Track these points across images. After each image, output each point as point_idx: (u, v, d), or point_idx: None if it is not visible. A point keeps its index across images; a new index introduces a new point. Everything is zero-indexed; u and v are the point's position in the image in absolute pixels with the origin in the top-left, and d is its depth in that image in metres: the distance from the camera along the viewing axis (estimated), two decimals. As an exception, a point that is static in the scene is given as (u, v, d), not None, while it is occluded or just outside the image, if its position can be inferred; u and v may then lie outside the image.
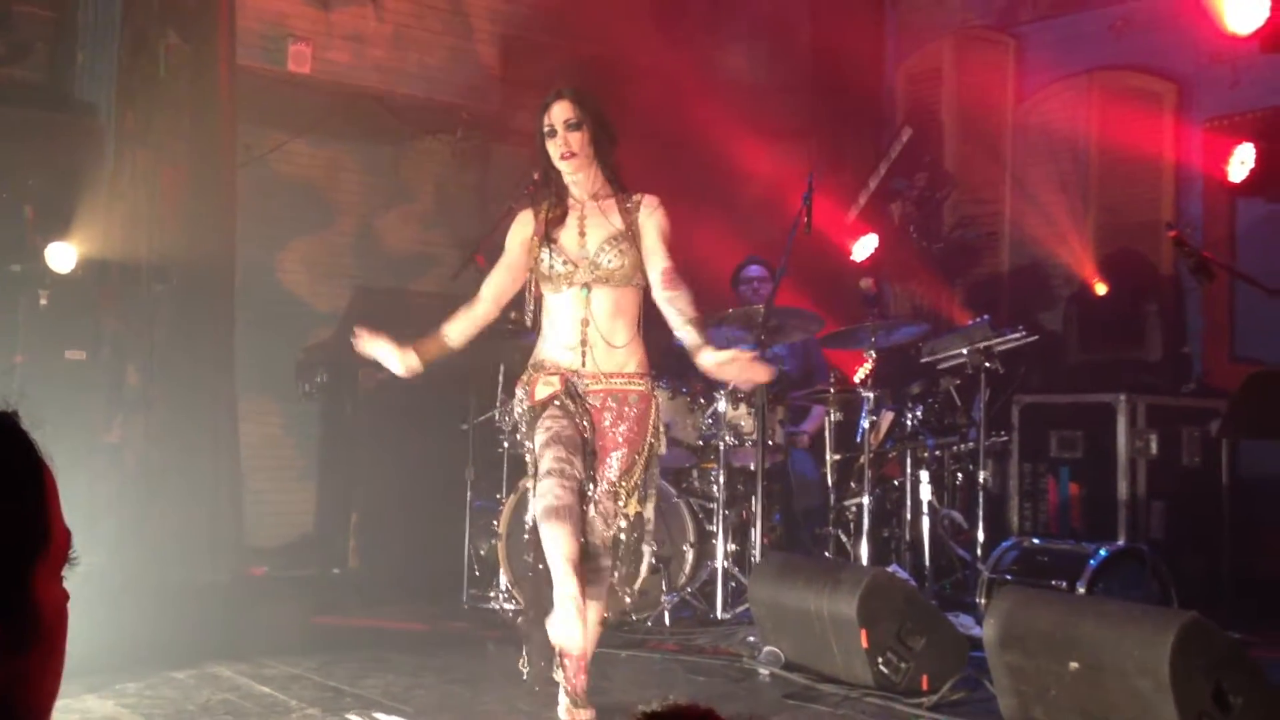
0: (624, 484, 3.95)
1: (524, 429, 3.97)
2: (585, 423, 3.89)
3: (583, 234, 3.98)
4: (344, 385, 7.16)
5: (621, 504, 3.96)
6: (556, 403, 3.87)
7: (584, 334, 3.94)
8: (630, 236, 3.97)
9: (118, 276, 5.70)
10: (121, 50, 6.17)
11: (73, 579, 1.05)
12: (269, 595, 6.07)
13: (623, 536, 4.03)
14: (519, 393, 4.02)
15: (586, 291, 3.95)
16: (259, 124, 7.05)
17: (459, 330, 4.07)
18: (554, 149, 3.97)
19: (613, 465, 3.94)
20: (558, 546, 3.69)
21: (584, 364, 3.93)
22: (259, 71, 6.98)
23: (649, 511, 4.10)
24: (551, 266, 3.96)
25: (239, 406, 6.05)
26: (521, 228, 4.08)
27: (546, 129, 3.98)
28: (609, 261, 3.94)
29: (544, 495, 3.74)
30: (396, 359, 4.01)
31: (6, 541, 0.98)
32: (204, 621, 4.99)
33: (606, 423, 3.94)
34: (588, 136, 3.96)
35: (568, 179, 4.02)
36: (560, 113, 3.96)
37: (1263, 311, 6.38)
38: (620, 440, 3.95)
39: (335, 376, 7.14)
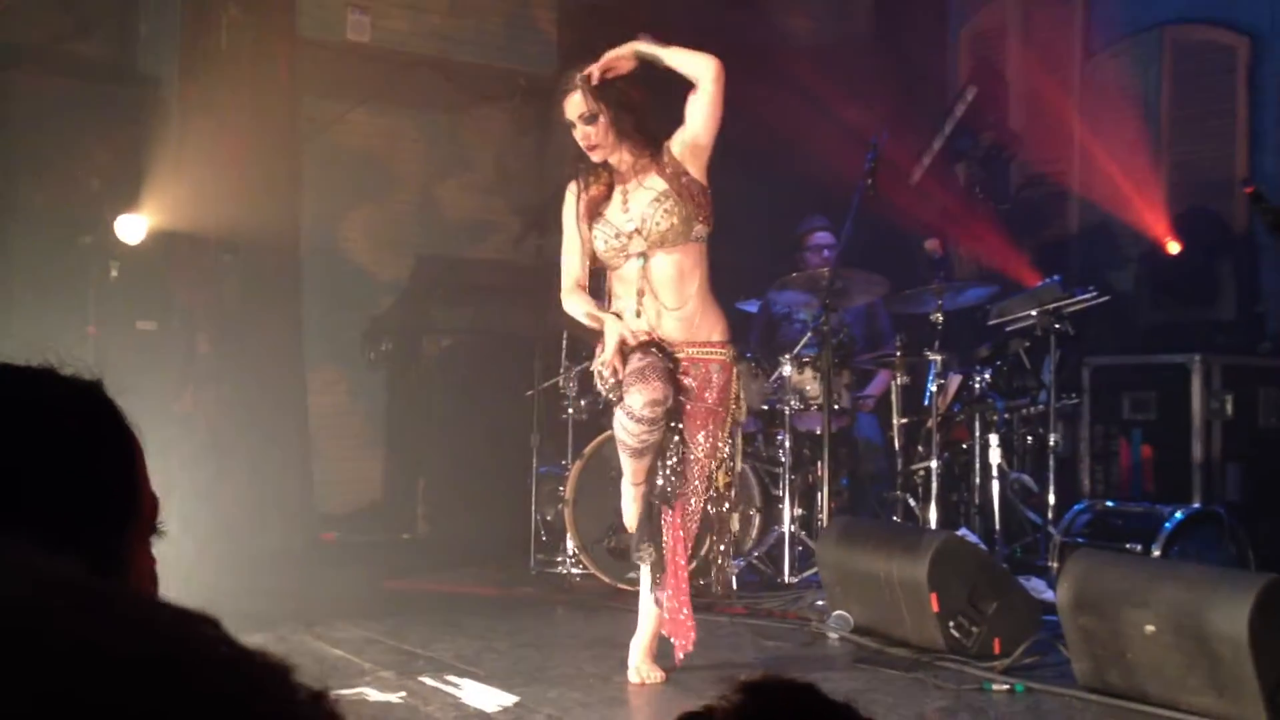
0: (714, 459, 3.93)
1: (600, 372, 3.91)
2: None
3: (626, 206, 3.94)
4: (409, 353, 7.21)
5: (711, 480, 3.94)
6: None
7: (649, 304, 3.90)
8: (674, 190, 3.89)
9: (186, 247, 5.77)
10: (184, 23, 6.22)
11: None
12: (340, 561, 6.14)
13: (711, 509, 4.01)
14: (596, 366, 3.96)
15: (643, 261, 3.91)
16: (320, 95, 7.09)
17: (586, 302, 4.02)
18: (579, 139, 3.92)
19: (701, 442, 3.91)
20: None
21: (657, 335, 3.89)
22: (319, 42, 7.00)
23: (735, 481, 4.09)
24: (606, 242, 3.93)
25: (307, 377, 6.11)
26: (570, 200, 4.05)
27: (567, 123, 3.92)
28: (657, 223, 3.88)
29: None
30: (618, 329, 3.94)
31: (100, 510, 0.98)
32: (276, 587, 5.06)
33: (688, 390, 3.90)
34: (608, 122, 3.87)
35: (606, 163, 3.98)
36: (573, 108, 3.89)
37: (1341, 269, 6.24)
38: (706, 415, 3.92)
39: (400, 344, 7.20)
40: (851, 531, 4.87)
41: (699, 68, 3.84)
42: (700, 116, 3.89)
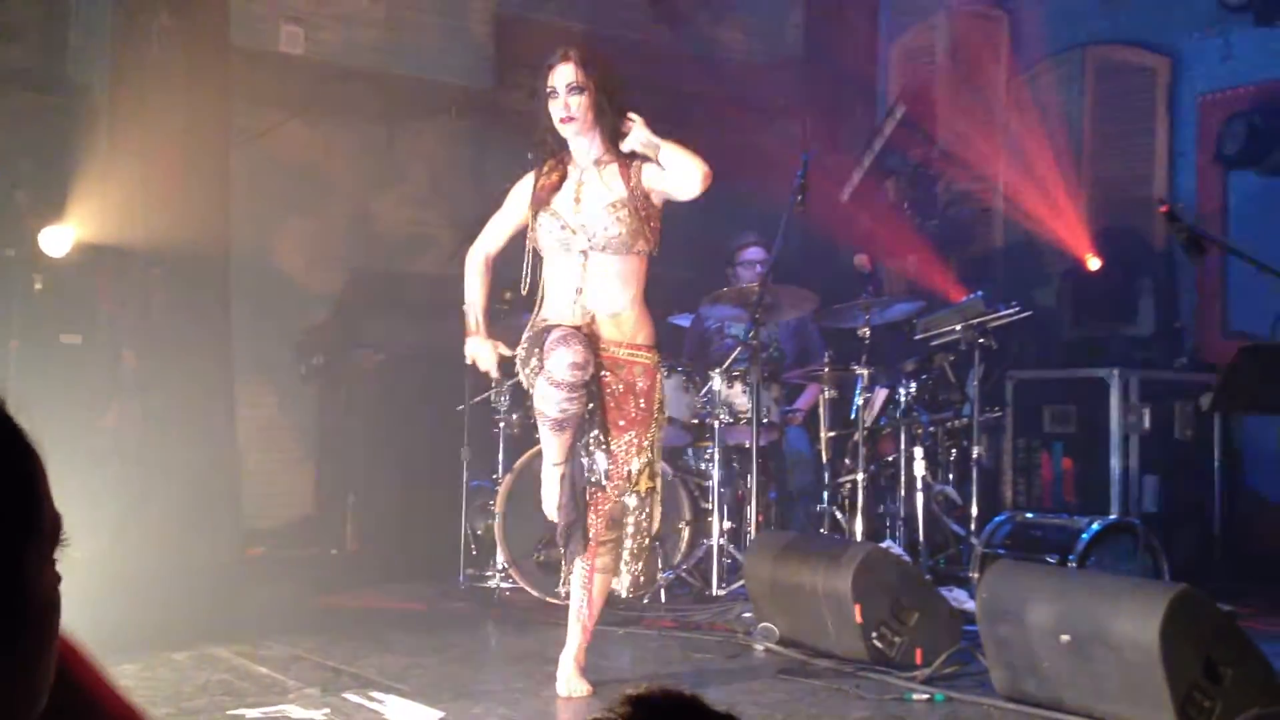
0: (636, 459, 3.96)
1: (525, 352, 3.96)
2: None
3: (579, 199, 3.96)
4: (341, 367, 7.18)
5: (633, 479, 3.98)
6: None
7: (581, 302, 3.94)
8: (633, 202, 3.93)
9: (112, 260, 5.70)
10: (114, 31, 6.16)
11: (72, 565, 1.06)
12: (267, 576, 6.09)
13: (634, 510, 4.05)
14: (522, 351, 3.98)
15: (584, 258, 3.95)
16: (252, 105, 7.04)
17: (478, 289, 4.17)
18: (555, 111, 3.94)
19: (623, 441, 3.94)
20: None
21: (589, 330, 3.91)
22: (252, 52, 6.96)
23: (657, 484, 4.12)
24: (550, 232, 3.95)
25: (236, 390, 6.06)
26: (523, 183, 4.10)
27: (549, 90, 3.95)
28: (607, 229, 3.92)
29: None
30: (492, 360, 4.14)
31: None
32: (202, 603, 5.01)
33: (614, 390, 3.93)
34: (590, 100, 3.92)
35: (570, 142, 4.01)
36: (563, 75, 3.93)
37: (1254, 286, 6.40)
38: (630, 416, 3.95)
39: (332, 358, 7.16)
40: (778, 544, 4.93)
41: (689, 172, 3.86)
42: (674, 193, 3.96)
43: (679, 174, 3.87)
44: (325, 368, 7.12)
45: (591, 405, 3.88)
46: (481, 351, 4.15)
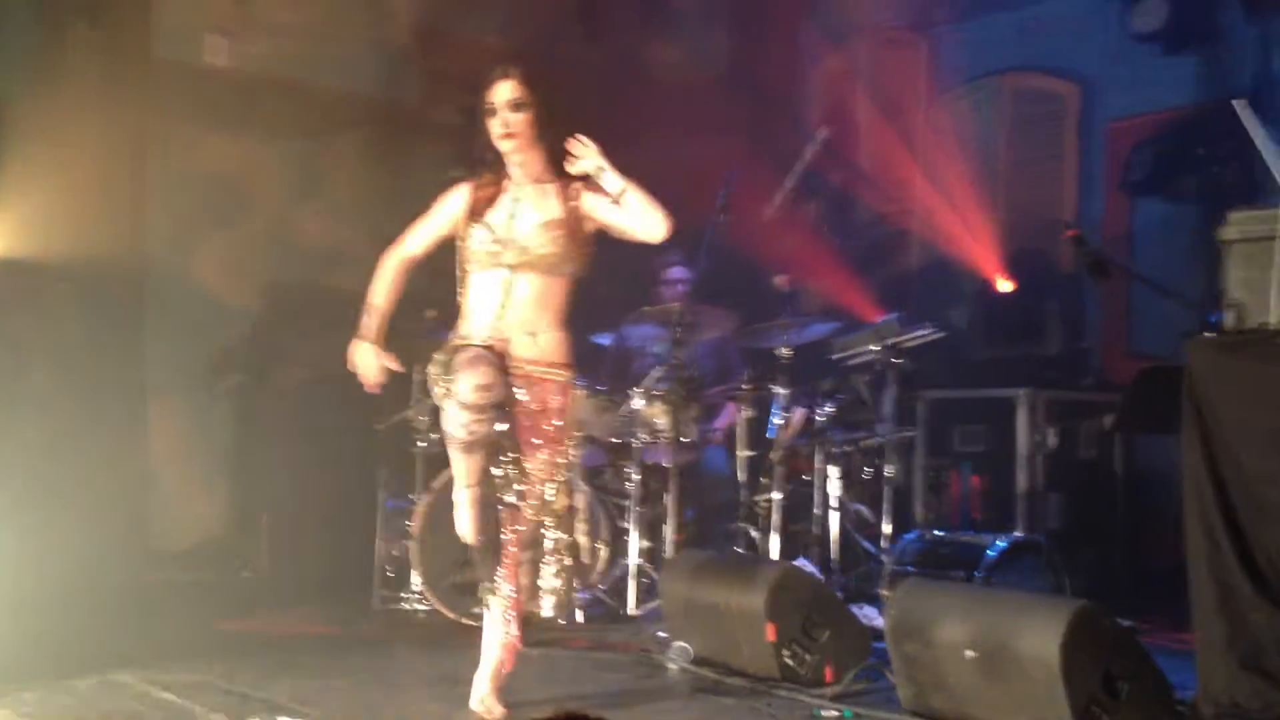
0: (551, 480, 3.97)
1: (435, 373, 3.93)
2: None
3: (513, 216, 3.96)
4: (256, 385, 7.10)
5: (548, 500, 3.98)
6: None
7: (503, 317, 3.93)
8: (568, 224, 3.94)
9: (21, 274, 5.60)
10: (30, 40, 6.06)
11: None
12: (175, 600, 5.99)
13: (550, 530, 4.05)
14: (433, 370, 3.94)
15: (511, 274, 3.95)
16: (172, 117, 6.96)
17: (385, 293, 4.08)
18: (495, 127, 3.94)
19: (538, 460, 3.94)
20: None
21: (504, 348, 3.91)
22: (175, 63, 6.88)
23: (578, 503, 4.12)
24: (481, 243, 3.95)
25: (148, 407, 5.98)
26: (458, 192, 4.06)
27: (489, 107, 3.94)
28: (539, 246, 3.92)
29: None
30: (373, 369, 4.05)
31: None
32: (107, 628, 4.91)
33: (528, 409, 3.92)
34: (531, 118, 3.93)
35: (508, 160, 4.00)
36: (505, 92, 3.92)
37: (1157, 308, 6.57)
38: (544, 435, 3.95)
39: (248, 375, 7.08)
40: (693, 563, 4.96)
41: (654, 221, 3.90)
42: (632, 236, 3.98)
43: (644, 223, 3.90)
44: (240, 385, 7.05)
45: (505, 426, 3.88)
46: (365, 358, 4.06)
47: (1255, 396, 3.48)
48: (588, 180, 3.97)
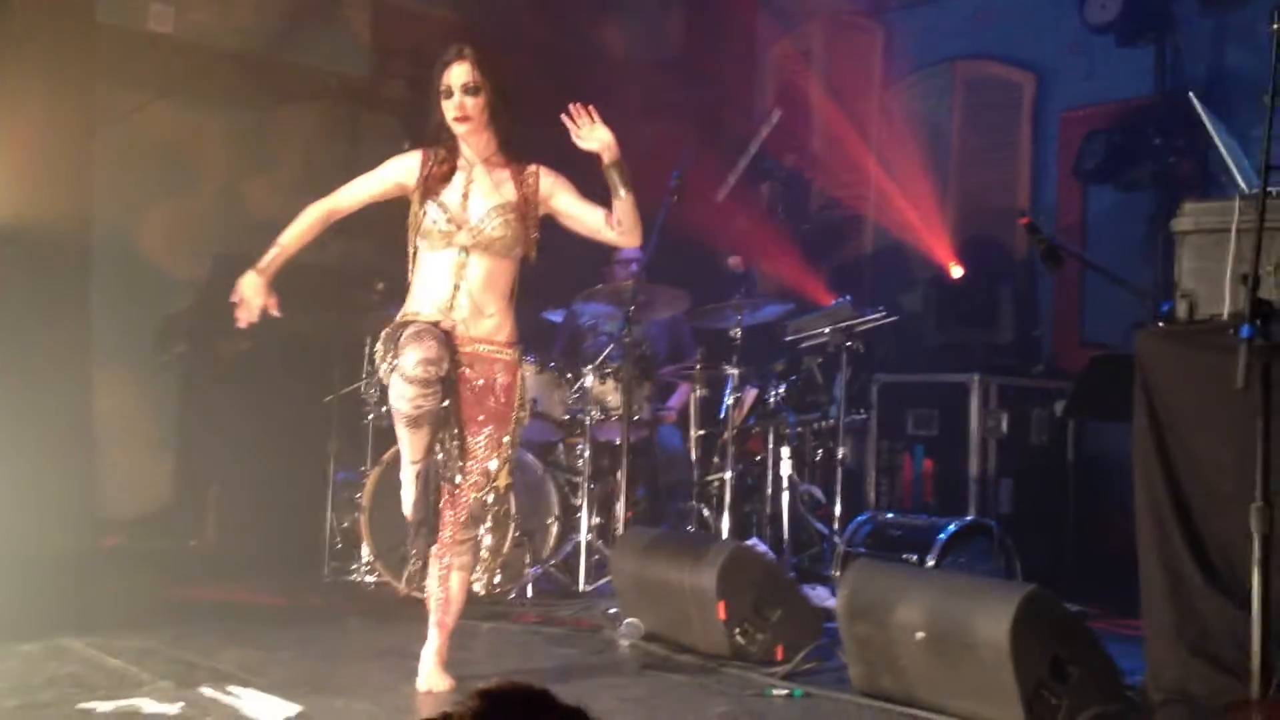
0: (496, 456, 3.96)
1: (383, 349, 3.90)
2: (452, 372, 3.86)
3: (467, 196, 3.95)
4: (204, 355, 7.02)
5: (492, 476, 3.97)
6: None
7: (454, 297, 3.93)
8: (520, 208, 3.95)
9: (-36, 240, 5.50)
10: (-31, 5, 5.93)
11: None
12: (123, 568, 5.93)
13: (492, 506, 4.04)
14: (380, 347, 3.93)
15: (464, 255, 3.93)
16: (119, 84, 6.85)
17: (296, 235, 4.02)
18: (449, 109, 3.92)
19: (482, 438, 3.94)
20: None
21: (452, 326, 3.91)
22: (119, 30, 6.77)
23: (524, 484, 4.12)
24: (435, 222, 3.92)
25: (94, 376, 5.90)
26: (408, 161, 4.01)
27: (443, 89, 3.92)
28: (492, 229, 3.92)
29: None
30: (253, 305, 3.96)
31: None
32: (54, 594, 4.84)
33: (474, 386, 3.93)
34: (485, 101, 3.92)
35: (462, 141, 3.99)
36: (459, 75, 3.91)
37: (1109, 296, 6.66)
38: (489, 412, 3.95)
39: (195, 345, 7.00)
40: (645, 540, 4.96)
41: (635, 232, 3.99)
42: (574, 221, 4.04)
43: (627, 230, 3.98)
44: (188, 355, 6.96)
45: (448, 402, 3.87)
46: (249, 289, 3.96)
47: (1206, 387, 3.52)
48: (543, 164, 4.02)
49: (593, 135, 3.92)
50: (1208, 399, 3.52)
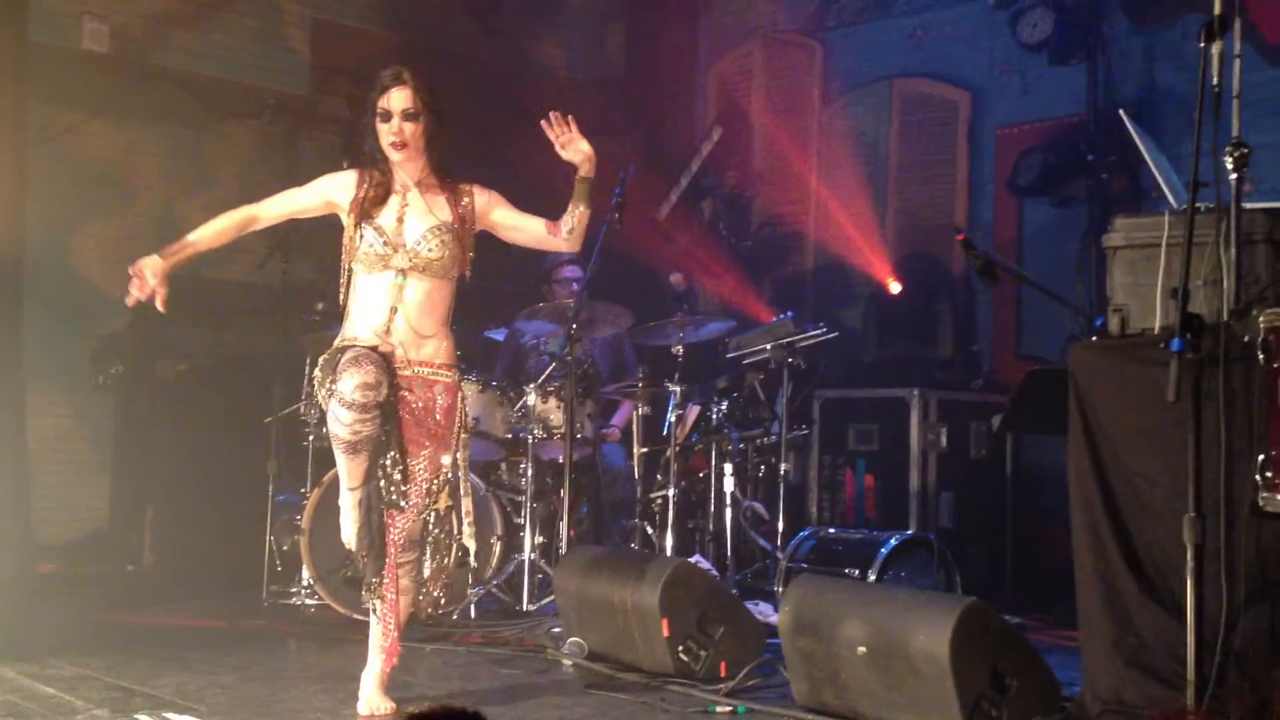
0: (435, 480, 3.94)
1: (321, 375, 3.87)
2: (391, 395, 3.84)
3: (402, 219, 3.93)
4: (140, 376, 6.94)
5: (431, 499, 3.95)
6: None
7: (391, 320, 3.91)
8: (456, 229, 3.95)
9: (-107, 260, 5.39)
10: (-101, 22, 5.83)
11: None
12: (57, 593, 5.84)
13: (433, 529, 4.02)
14: (318, 373, 3.90)
15: (401, 278, 3.92)
16: (52, 103, 6.77)
17: (211, 232, 3.99)
18: (385, 134, 3.91)
19: (422, 460, 3.92)
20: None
21: (390, 350, 3.88)
22: (52, 48, 6.69)
23: (468, 505, 4.09)
24: (371, 245, 3.90)
25: (27, 398, 5.81)
26: (343, 179, 3.99)
27: (381, 112, 3.91)
28: (429, 251, 3.90)
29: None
30: (148, 282, 3.87)
31: None
32: (-13, 621, 4.77)
33: (414, 409, 3.91)
34: (422, 127, 3.91)
35: (397, 165, 3.96)
36: (399, 100, 3.89)
37: (1045, 311, 6.74)
38: (430, 434, 3.93)
39: (131, 367, 6.91)
40: (589, 560, 4.95)
41: (578, 237, 4.03)
42: (516, 232, 4.07)
43: (576, 238, 4.03)
44: (124, 376, 6.87)
45: (388, 426, 3.85)
46: (149, 270, 3.88)
47: (1138, 399, 3.57)
48: (476, 183, 4.04)
49: (576, 148, 3.95)
50: (1140, 412, 3.57)
